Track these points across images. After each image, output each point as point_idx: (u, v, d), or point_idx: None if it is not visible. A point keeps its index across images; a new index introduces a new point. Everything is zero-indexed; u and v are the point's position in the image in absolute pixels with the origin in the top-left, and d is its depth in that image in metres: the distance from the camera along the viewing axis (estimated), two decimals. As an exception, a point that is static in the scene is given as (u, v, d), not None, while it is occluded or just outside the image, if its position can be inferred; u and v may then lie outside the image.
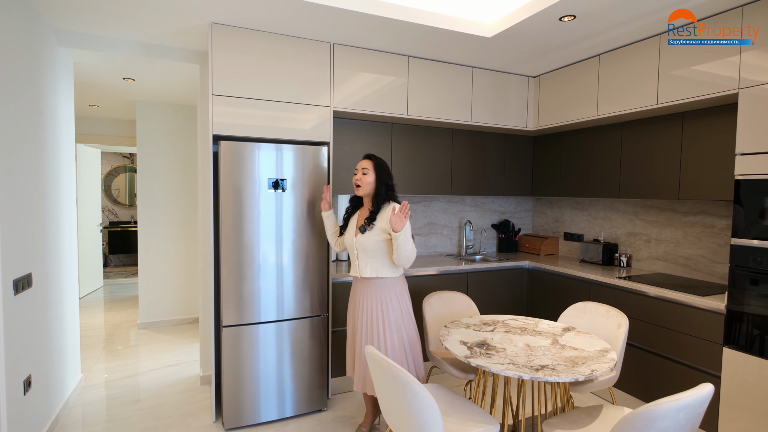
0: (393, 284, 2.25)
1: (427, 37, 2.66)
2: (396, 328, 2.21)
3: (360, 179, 2.26)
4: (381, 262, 2.22)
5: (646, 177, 2.85)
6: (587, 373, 1.67)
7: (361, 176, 2.26)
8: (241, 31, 2.49)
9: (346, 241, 2.34)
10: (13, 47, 1.99)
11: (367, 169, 2.26)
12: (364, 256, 2.23)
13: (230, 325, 2.44)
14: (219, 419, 2.58)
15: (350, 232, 2.31)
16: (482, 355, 1.82)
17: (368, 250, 2.21)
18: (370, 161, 2.29)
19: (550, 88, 3.38)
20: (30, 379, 2.11)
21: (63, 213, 2.67)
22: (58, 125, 2.60)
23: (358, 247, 2.24)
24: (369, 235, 2.21)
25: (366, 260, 2.23)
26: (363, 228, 2.22)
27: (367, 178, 2.25)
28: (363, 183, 2.25)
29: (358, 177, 2.27)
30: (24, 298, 2.05)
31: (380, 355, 1.61)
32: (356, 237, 2.25)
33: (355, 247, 2.25)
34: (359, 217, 2.33)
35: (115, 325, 4.48)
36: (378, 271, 2.22)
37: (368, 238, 2.20)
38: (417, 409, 1.52)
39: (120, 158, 7.80)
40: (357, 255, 2.25)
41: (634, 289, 2.64)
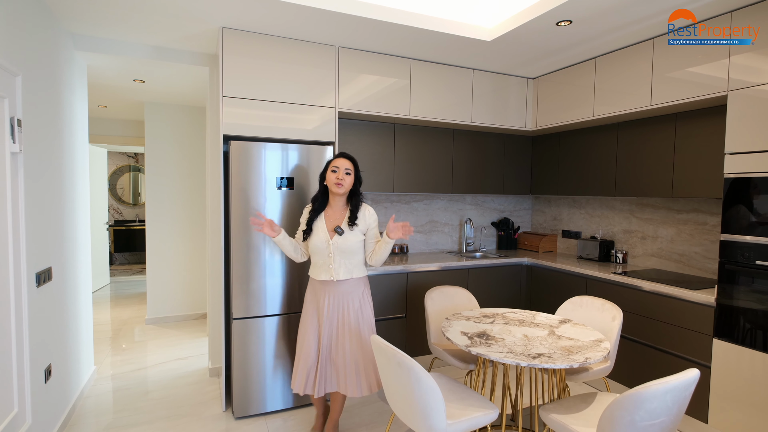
0: (365, 282, 2.30)
1: (429, 41, 2.76)
2: (370, 325, 2.27)
3: (343, 179, 2.18)
4: (355, 262, 2.21)
5: (641, 176, 2.95)
6: (581, 360, 1.77)
7: (344, 176, 2.18)
8: (251, 35, 2.59)
9: (315, 245, 2.18)
10: (36, 52, 2.09)
11: (350, 169, 2.21)
12: (340, 257, 2.17)
13: (240, 318, 2.54)
14: (229, 408, 2.68)
15: (320, 234, 2.18)
16: (482, 345, 1.91)
17: (346, 252, 2.17)
18: (351, 162, 2.23)
19: (548, 89, 3.48)
20: (50, 368, 2.21)
21: (78, 211, 2.77)
22: (74, 126, 2.70)
23: (334, 250, 2.16)
24: (348, 236, 2.17)
25: (341, 262, 2.17)
26: (340, 229, 2.17)
27: (349, 179, 2.21)
28: (346, 183, 2.19)
29: (341, 177, 2.18)
30: (45, 291, 2.15)
31: (385, 342, 1.71)
32: (332, 239, 2.17)
33: (331, 250, 2.16)
34: (327, 218, 2.23)
35: (123, 321, 4.58)
36: (352, 272, 2.20)
37: (347, 240, 2.16)
38: (420, 392, 1.62)
39: (125, 158, 7.90)
40: (332, 257, 2.17)
41: (629, 284, 2.74)
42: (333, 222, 2.21)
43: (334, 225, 2.20)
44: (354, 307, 2.22)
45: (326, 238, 2.17)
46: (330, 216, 2.23)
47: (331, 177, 2.19)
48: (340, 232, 2.17)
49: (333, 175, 2.19)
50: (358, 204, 2.24)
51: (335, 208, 2.24)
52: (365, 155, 3.19)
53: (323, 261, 2.18)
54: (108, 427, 2.49)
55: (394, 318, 3.11)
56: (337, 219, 2.23)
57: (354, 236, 2.19)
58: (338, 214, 2.23)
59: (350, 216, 2.20)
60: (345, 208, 2.26)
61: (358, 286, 2.24)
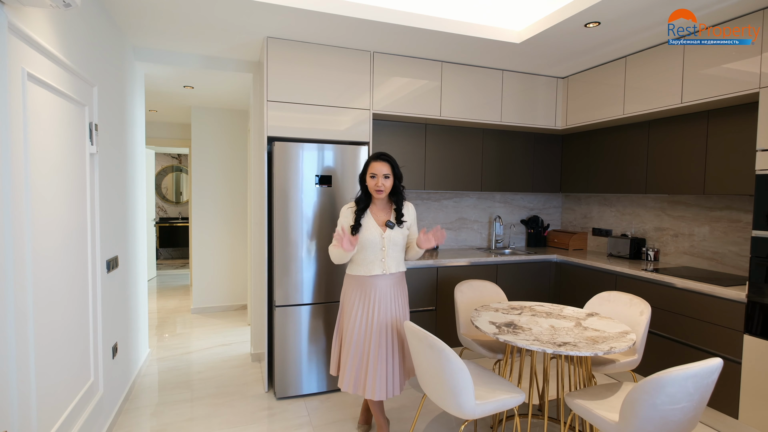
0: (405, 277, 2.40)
1: (459, 44, 2.88)
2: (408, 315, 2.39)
3: (383, 185, 2.19)
4: (401, 256, 2.31)
5: (673, 173, 2.96)
6: (606, 349, 1.85)
7: (383, 182, 2.19)
8: (293, 44, 2.79)
9: (367, 239, 2.20)
10: (107, 64, 2.36)
11: (388, 173, 2.20)
12: (392, 251, 2.24)
13: (281, 306, 2.75)
14: (271, 390, 2.90)
15: (371, 229, 2.21)
16: (509, 333, 2.02)
17: (398, 244, 2.25)
18: (388, 164, 2.22)
19: (578, 88, 3.52)
20: (116, 346, 2.48)
21: (137, 206, 3.06)
22: (135, 131, 2.99)
23: (387, 243, 2.22)
24: (398, 230, 2.25)
25: (393, 255, 2.25)
26: (391, 223, 2.24)
27: (389, 182, 2.21)
28: (386, 188, 2.20)
29: (380, 183, 2.19)
30: (113, 276, 2.42)
31: (417, 327, 1.86)
32: (385, 232, 2.23)
33: (384, 243, 2.22)
34: (374, 214, 2.27)
35: (169, 310, 4.92)
36: (399, 265, 2.29)
37: (397, 233, 2.25)
38: (450, 372, 1.75)
39: (169, 158, 8.38)
40: (385, 251, 2.23)
41: (659, 280, 2.76)
42: (380, 218, 2.26)
43: (382, 220, 2.25)
44: (402, 300, 2.33)
45: (380, 232, 2.21)
46: (375, 213, 2.27)
47: (371, 183, 2.22)
48: (392, 225, 2.22)
49: (372, 181, 2.21)
50: (401, 201, 2.29)
51: (379, 206, 2.29)
52: (397, 154, 3.33)
53: (375, 255, 2.21)
54: (164, 401, 2.75)
55: (425, 310, 3.25)
56: (382, 215, 2.28)
57: (401, 231, 2.27)
58: (383, 212, 2.29)
59: (397, 215, 2.27)
60: (389, 205, 2.32)
61: (402, 279, 2.35)
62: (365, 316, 2.22)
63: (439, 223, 3.88)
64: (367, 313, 2.21)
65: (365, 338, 2.21)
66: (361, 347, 2.21)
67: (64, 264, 1.77)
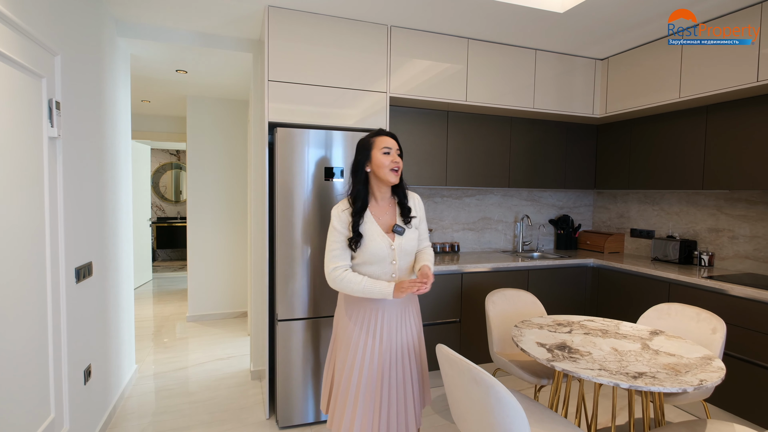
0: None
1: (491, 14, 2.48)
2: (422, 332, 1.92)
3: (399, 162, 1.70)
4: (412, 263, 1.79)
5: (738, 166, 2.55)
6: (695, 383, 1.45)
7: (399, 159, 1.71)
8: (297, 14, 2.40)
9: (373, 253, 1.68)
10: (78, 33, 1.97)
11: (400, 150, 1.75)
12: (403, 263, 1.74)
13: (284, 320, 2.36)
14: (273, 416, 2.51)
15: (377, 239, 1.69)
16: (566, 359, 1.63)
17: (409, 253, 1.76)
18: (397, 142, 1.74)
19: (620, 71, 3.11)
20: (90, 369, 2.10)
21: (120, 206, 2.68)
22: (117, 117, 2.60)
23: (399, 254, 1.72)
24: (408, 233, 1.75)
25: (404, 268, 1.75)
26: (400, 228, 1.72)
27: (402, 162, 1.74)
28: (401, 168, 1.72)
29: (397, 159, 1.70)
30: (85, 287, 2.03)
31: (456, 354, 1.46)
32: (394, 241, 1.72)
33: (395, 256, 1.71)
34: (375, 216, 1.74)
35: (164, 317, 4.54)
36: (410, 275, 1.79)
37: (408, 239, 1.75)
38: (502, 415, 1.35)
39: (167, 155, 8.02)
40: (396, 264, 1.72)
41: (726, 291, 2.36)
42: (384, 221, 1.74)
43: (388, 224, 1.74)
44: (414, 317, 1.85)
45: (387, 242, 1.69)
46: (377, 214, 1.74)
47: (384, 160, 1.68)
48: (401, 231, 1.71)
49: (386, 158, 1.68)
50: (405, 192, 1.78)
51: (382, 204, 1.76)
52: (416, 146, 2.95)
53: (382, 271, 1.71)
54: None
55: (448, 323, 2.85)
56: (387, 216, 1.76)
57: (412, 233, 1.76)
58: (386, 210, 1.76)
59: (402, 210, 1.77)
60: (392, 201, 1.80)
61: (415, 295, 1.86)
62: (371, 349, 1.71)
63: (461, 223, 3.49)
64: (373, 345, 1.71)
65: (369, 377, 1.70)
66: (364, 389, 1.69)
67: (7, 277, 1.38)
